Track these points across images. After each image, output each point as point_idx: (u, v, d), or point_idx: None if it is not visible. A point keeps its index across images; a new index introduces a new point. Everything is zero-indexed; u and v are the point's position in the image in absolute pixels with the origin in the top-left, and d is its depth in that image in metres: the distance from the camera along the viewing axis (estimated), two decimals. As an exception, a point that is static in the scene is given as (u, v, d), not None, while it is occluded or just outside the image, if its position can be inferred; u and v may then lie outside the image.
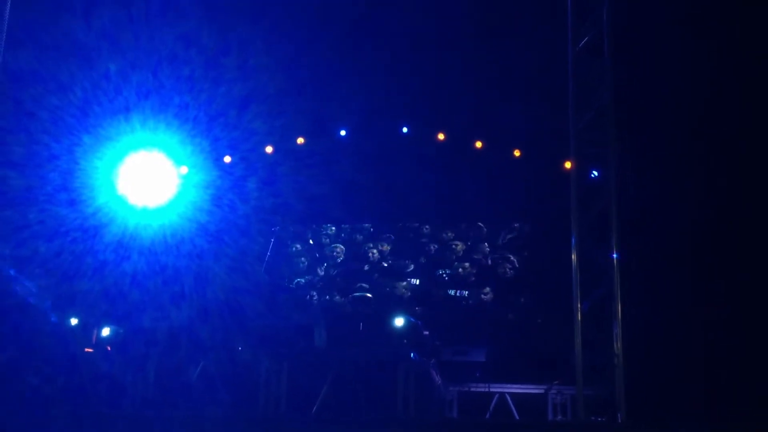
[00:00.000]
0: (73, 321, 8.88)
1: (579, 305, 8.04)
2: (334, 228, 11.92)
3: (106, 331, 8.90)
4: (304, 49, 9.71)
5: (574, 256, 8.13)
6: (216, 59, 9.62)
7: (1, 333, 7.51)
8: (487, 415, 8.61)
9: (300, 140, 11.13)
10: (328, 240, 11.90)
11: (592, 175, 8.67)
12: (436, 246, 11.35)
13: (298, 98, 10.14)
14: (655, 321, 8.49)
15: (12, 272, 7.96)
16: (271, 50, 9.64)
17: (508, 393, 8.71)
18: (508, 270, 10.84)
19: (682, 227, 8.63)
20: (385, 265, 11.52)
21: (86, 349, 8.79)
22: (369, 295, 10.79)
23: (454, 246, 11.24)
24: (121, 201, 10.13)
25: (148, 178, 10.26)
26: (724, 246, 8.42)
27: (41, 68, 9.18)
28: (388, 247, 11.60)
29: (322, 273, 11.62)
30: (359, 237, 11.78)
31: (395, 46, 9.64)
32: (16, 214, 9.21)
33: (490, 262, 11.05)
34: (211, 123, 10.26)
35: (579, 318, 8.01)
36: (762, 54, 8.09)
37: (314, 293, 11.34)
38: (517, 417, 8.59)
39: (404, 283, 11.18)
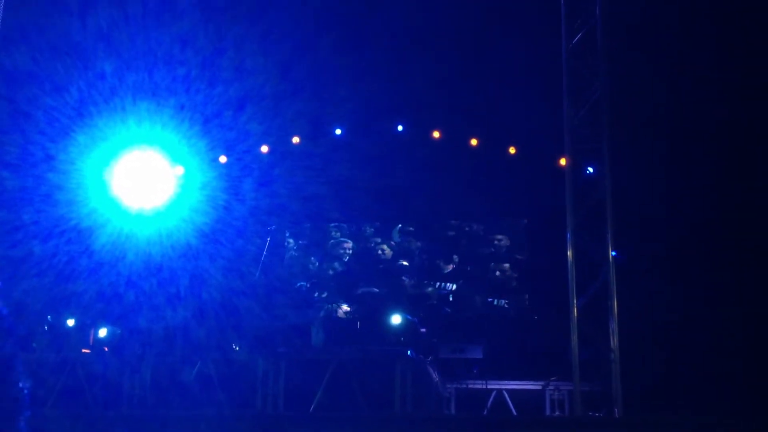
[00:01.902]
0: (70, 322, 8.85)
1: (575, 301, 8.08)
2: (343, 226, 11.67)
3: (103, 332, 8.87)
4: (299, 50, 9.73)
5: (569, 252, 8.17)
6: (212, 60, 9.63)
7: None
8: (485, 412, 8.61)
9: (295, 140, 11.14)
10: (334, 239, 11.68)
11: (587, 171, 8.72)
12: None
13: (293, 98, 10.13)
14: (650, 316, 8.52)
15: None
16: (267, 51, 9.65)
17: (505, 389, 8.71)
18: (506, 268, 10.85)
19: (677, 221, 8.67)
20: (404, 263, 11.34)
21: (83, 350, 8.76)
22: (376, 289, 10.69)
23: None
24: (117, 202, 10.10)
25: (143, 179, 10.23)
26: (720, 240, 8.46)
27: (36, 68, 9.18)
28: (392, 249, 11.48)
29: (332, 272, 11.48)
30: (369, 231, 11.59)
31: (389, 45, 9.67)
32: (11, 214, 9.19)
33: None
34: (206, 123, 10.25)
35: (575, 314, 8.05)
36: (755, 48, 8.15)
37: (324, 293, 11.17)
38: (515, 413, 8.60)
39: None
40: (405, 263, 11.32)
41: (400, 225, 11.47)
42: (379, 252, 11.46)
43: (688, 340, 8.34)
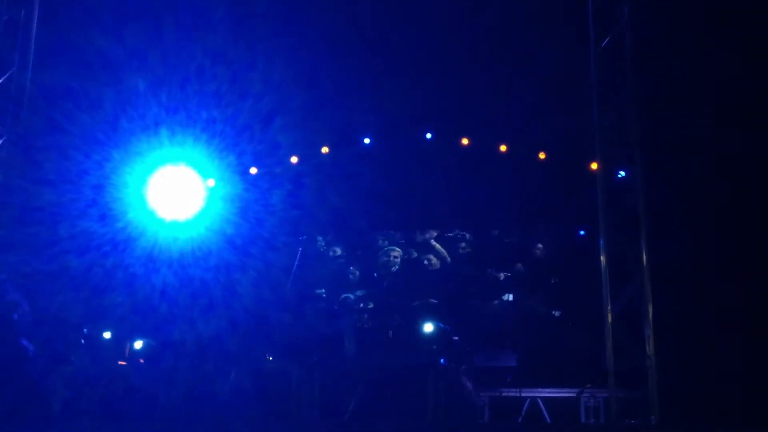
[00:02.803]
0: (107, 335, 8.98)
1: (609, 307, 8.01)
2: (391, 233, 11.34)
3: (138, 344, 8.99)
4: (327, 61, 9.83)
5: (603, 258, 8.10)
6: (242, 73, 9.76)
7: None
8: (520, 420, 8.54)
9: (324, 149, 11.18)
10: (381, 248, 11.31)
11: (619, 176, 8.65)
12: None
13: (322, 109, 10.23)
14: (687, 322, 8.40)
15: None
16: (295, 63, 9.76)
17: (540, 397, 8.63)
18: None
19: (712, 225, 8.56)
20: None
21: (120, 362, 8.88)
22: (434, 300, 10.39)
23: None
24: (151, 215, 10.25)
25: (176, 192, 10.38)
26: (757, 244, 8.33)
27: (72, 85, 9.38)
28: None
29: (380, 284, 11.05)
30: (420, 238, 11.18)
31: (416, 54, 9.71)
32: (48, 229, 9.36)
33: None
34: (237, 136, 10.37)
35: (610, 320, 7.98)
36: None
37: (370, 304, 10.76)
38: (549, 421, 8.52)
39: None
40: (457, 273, 10.94)
41: (451, 233, 11.22)
42: (426, 262, 11.14)
43: (727, 345, 8.21)
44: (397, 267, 11.15)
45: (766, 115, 8.36)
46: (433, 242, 11.27)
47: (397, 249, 11.23)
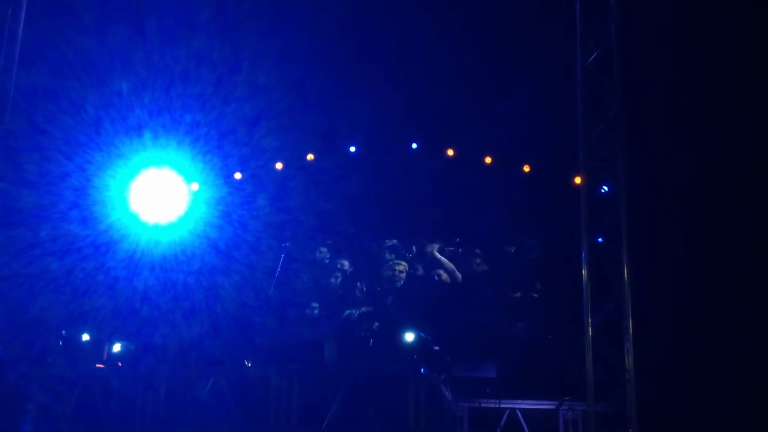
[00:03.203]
0: (85, 337, 8.94)
1: (590, 320, 8.03)
2: (398, 246, 10.61)
3: (117, 347, 8.95)
4: (314, 67, 9.80)
5: (584, 271, 8.12)
6: (227, 77, 9.72)
7: None
8: (498, 431, 8.56)
9: (310, 156, 11.14)
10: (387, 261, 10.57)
11: (602, 190, 8.68)
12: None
13: (308, 115, 10.20)
14: (666, 335, 8.45)
15: None
16: (281, 68, 9.73)
17: (519, 409, 8.64)
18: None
19: (694, 240, 8.60)
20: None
21: (97, 365, 8.83)
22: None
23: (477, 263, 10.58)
24: (133, 218, 10.20)
25: (159, 195, 10.33)
26: (739, 259, 8.38)
27: (54, 86, 9.30)
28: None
29: (387, 300, 10.27)
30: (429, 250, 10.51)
31: (404, 63, 9.71)
32: (29, 231, 9.30)
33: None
34: (221, 140, 10.33)
35: (590, 333, 8.00)
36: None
37: (375, 324, 9.92)
38: (528, 433, 8.55)
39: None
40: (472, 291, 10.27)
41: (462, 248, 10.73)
42: (436, 277, 10.50)
43: (706, 360, 8.26)
44: (401, 282, 10.51)
45: (752, 132, 8.42)
46: (437, 254, 10.72)
47: (403, 263, 10.58)
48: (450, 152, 10.78)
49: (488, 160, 10.70)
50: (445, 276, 10.50)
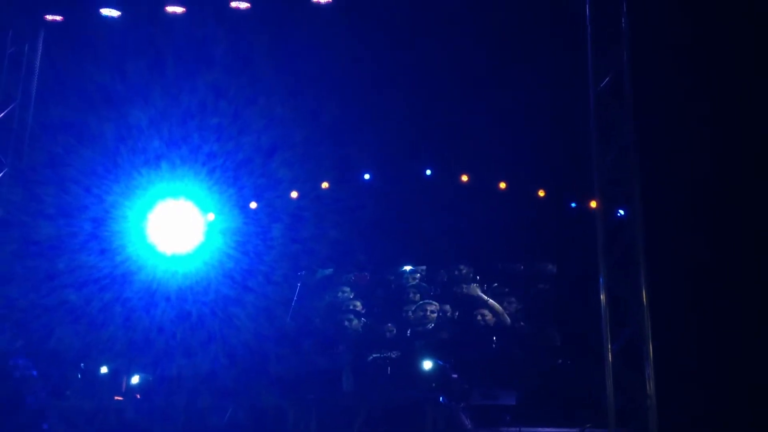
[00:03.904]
0: (103, 369, 8.93)
1: (609, 346, 7.97)
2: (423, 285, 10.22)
3: (135, 379, 8.94)
4: (328, 97, 9.89)
5: (603, 296, 8.08)
6: (243, 108, 9.82)
7: None
8: (519, 459, 8.46)
9: (324, 185, 11.17)
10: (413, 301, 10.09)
11: (618, 214, 8.66)
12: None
13: (322, 144, 10.27)
14: (688, 361, 8.37)
15: None
16: (296, 99, 9.84)
17: (539, 436, 8.56)
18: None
19: (712, 262, 8.55)
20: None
21: (116, 397, 8.81)
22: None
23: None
24: (150, 249, 10.25)
25: (175, 226, 10.39)
26: (760, 280, 8.32)
27: (72, 119, 9.44)
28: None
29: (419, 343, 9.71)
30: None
31: (417, 91, 9.78)
32: (47, 263, 9.36)
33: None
34: (237, 171, 10.40)
35: (610, 359, 7.94)
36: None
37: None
38: (550, 460, 8.44)
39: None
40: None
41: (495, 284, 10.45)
42: (479, 318, 9.95)
43: (729, 384, 8.16)
44: (433, 324, 10.09)
45: (765, 152, 8.41)
46: (481, 294, 10.30)
47: (434, 303, 10.19)
48: (464, 178, 10.81)
49: (503, 185, 10.71)
50: (490, 317, 10.02)
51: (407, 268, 10.98)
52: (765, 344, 8.16)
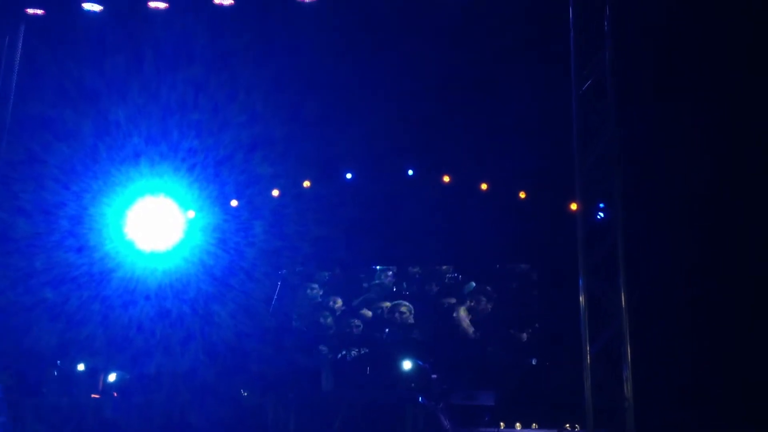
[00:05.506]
0: (80, 367, 8.87)
1: (588, 347, 8.00)
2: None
3: (112, 377, 8.88)
4: (309, 95, 9.83)
5: (582, 298, 8.11)
6: (223, 104, 9.74)
7: None
8: (497, 459, 8.50)
9: (306, 183, 11.12)
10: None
11: (599, 216, 8.69)
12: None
13: (304, 142, 10.22)
14: (665, 362, 8.43)
15: None
16: (277, 95, 9.76)
17: (518, 436, 8.60)
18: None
19: (691, 266, 8.61)
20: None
21: (93, 395, 8.76)
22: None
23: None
24: (129, 246, 10.17)
25: (155, 223, 10.31)
26: (736, 284, 8.38)
27: (51, 115, 9.32)
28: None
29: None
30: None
31: (400, 90, 9.74)
32: (24, 261, 9.26)
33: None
34: (218, 168, 10.33)
35: (588, 360, 7.97)
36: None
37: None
38: (528, 460, 8.48)
39: None
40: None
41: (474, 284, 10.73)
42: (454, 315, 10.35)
43: (705, 386, 8.23)
44: (406, 323, 10.53)
45: (746, 154, 8.47)
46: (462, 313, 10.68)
47: (406, 303, 10.64)
48: (446, 179, 10.80)
49: (484, 186, 10.70)
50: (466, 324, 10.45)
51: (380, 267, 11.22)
52: (743, 346, 8.24)
